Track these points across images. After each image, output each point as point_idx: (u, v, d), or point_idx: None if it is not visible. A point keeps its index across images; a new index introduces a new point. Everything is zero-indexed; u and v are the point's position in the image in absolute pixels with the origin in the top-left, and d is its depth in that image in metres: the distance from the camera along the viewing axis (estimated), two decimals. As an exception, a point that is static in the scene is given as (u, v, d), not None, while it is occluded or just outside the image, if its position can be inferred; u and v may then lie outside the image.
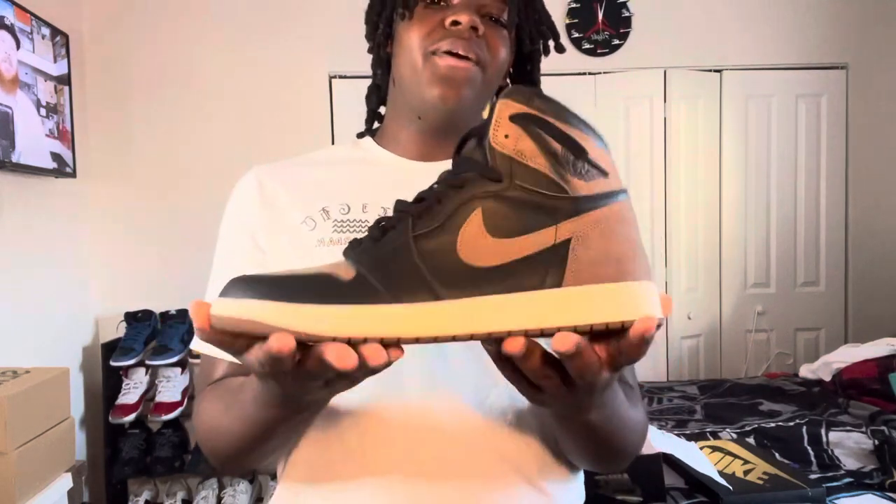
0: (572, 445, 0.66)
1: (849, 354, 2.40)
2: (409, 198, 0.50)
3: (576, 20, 2.88)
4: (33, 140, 2.22)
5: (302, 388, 0.48)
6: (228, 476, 2.67)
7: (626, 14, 2.89)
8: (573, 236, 0.45)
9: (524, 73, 0.84)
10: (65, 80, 2.44)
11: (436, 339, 0.44)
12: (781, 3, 2.95)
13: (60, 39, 2.41)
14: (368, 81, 0.90)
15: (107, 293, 2.78)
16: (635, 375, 0.77)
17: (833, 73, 2.99)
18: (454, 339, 0.44)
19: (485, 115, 0.51)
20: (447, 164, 0.61)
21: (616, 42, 2.89)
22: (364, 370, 0.43)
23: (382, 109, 0.89)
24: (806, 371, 2.56)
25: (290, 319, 0.42)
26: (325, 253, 0.71)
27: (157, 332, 2.66)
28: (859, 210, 3.01)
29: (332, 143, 2.83)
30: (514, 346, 0.44)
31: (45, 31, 2.31)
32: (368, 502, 0.66)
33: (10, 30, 2.10)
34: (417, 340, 0.44)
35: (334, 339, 0.42)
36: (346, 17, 2.82)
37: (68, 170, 2.43)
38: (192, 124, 2.81)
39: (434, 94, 0.71)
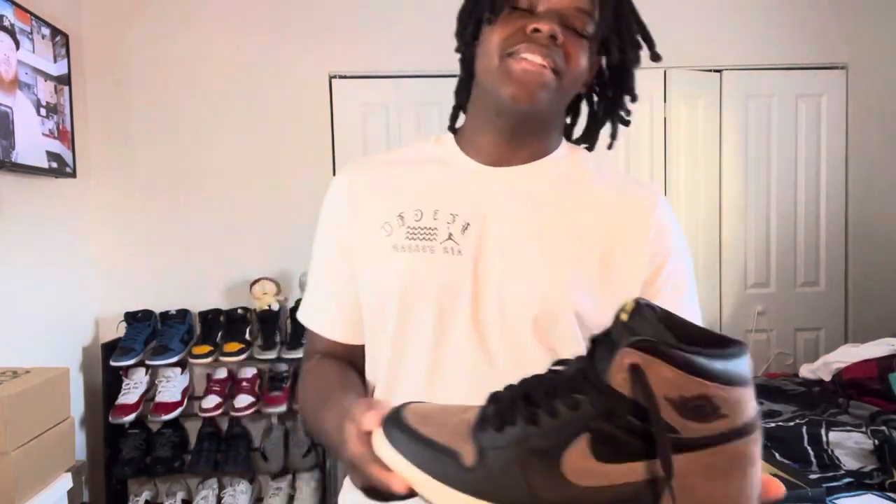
0: None
1: (849, 354, 2.40)
2: (475, 202, 0.66)
3: (576, 20, 2.88)
4: (33, 140, 2.22)
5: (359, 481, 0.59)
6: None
7: (626, 14, 2.89)
8: (673, 472, 0.45)
9: (617, 82, 0.87)
10: (65, 80, 2.44)
11: None
12: (781, 3, 2.95)
13: (60, 39, 2.41)
14: (368, 81, 1.09)
15: (107, 293, 2.78)
16: None
17: (833, 74, 2.99)
18: None
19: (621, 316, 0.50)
20: (521, 169, 0.77)
21: (616, 42, 2.89)
22: None
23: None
24: (806, 371, 2.56)
25: (420, 488, 0.52)
26: (398, 258, 0.78)
27: (156, 332, 2.66)
28: (859, 210, 3.01)
29: (332, 141, 2.83)
30: None
31: (45, 31, 2.31)
32: None
33: (10, 30, 2.10)
34: None
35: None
36: (347, 17, 2.83)
37: (68, 170, 2.43)
38: (192, 124, 2.81)
39: (507, 92, 0.74)
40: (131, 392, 2.55)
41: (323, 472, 2.72)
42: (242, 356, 2.58)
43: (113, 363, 2.50)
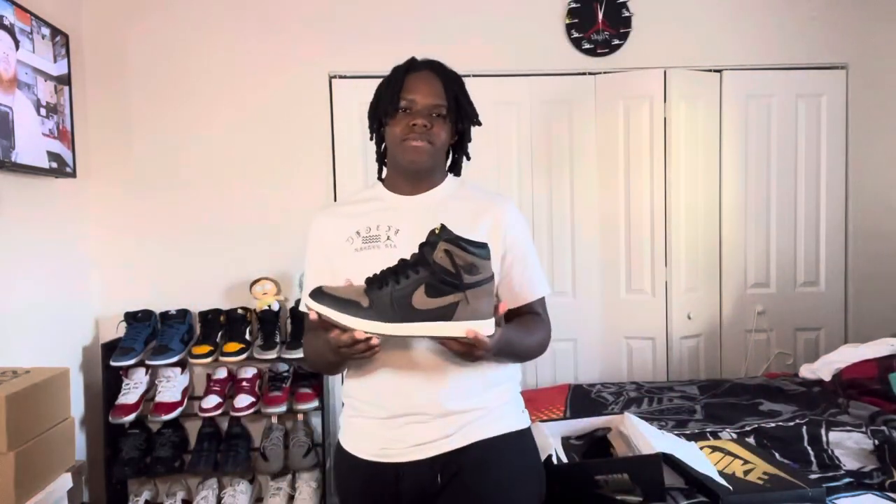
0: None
1: (849, 354, 2.40)
2: (401, 218, 1.33)
3: (576, 20, 2.89)
4: (33, 140, 2.22)
5: (338, 351, 1.15)
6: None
7: (627, 14, 2.89)
8: (461, 299, 1.09)
9: (462, 138, 1.41)
10: (65, 79, 2.44)
11: (394, 336, 1.12)
12: (781, 3, 2.95)
13: (60, 39, 2.41)
14: (367, 81, 1.49)
15: (107, 293, 2.78)
16: (545, 307, 1.41)
17: (833, 73, 2.99)
18: (402, 337, 1.13)
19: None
20: (426, 196, 1.38)
21: (616, 42, 2.89)
22: (365, 348, 1.13)
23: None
24: (806, 371, 2.56)
25: (345, 322, 1.10)
26: (359, 255, 1.31)
27: (157, 332, 2.66)
28: (859, 210, 3.01)
29: (332, 140, 2.85)
30: (453, 344, 1.14)
31: (45, 31, 2.31)
32: (380, 379, 1.29)
33: (10, 30, 2.10)
34: (386, 337, 1.12)
35: (358, 331, 1.11)
36: (347, 18, 2.84)
37: (68, 170, 2.43)
38: (192, 124, 2.81)
39: (406, 160, 1.33)
40: (131, 392, 2.55)
41: (323, 473, 2.72)
42: (242, 356, 2.58)
43: (113, 363, 2.51)
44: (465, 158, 1.45)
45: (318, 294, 1.11)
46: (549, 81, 2.93)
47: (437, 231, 1.09)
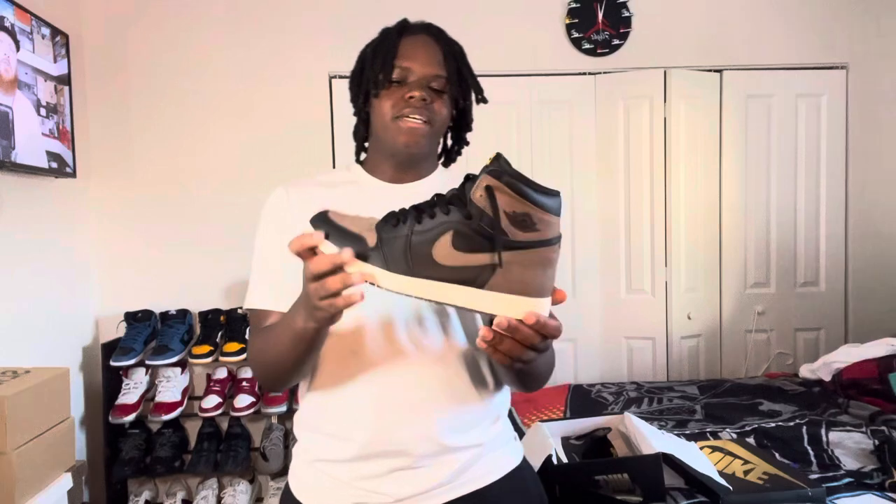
0: (510, 378, 1.03)
1: (849, 354, 2.40)
2: (382, 210, 0.83)
3: (576, 20, 2.89)
4: (33, 140, 2.22)
5: (319, 304, 0.79)
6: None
7: (626, 14, 2.89)
8: (503, 262, 0.73)
9: (463, 119, 1.17)
10: (65, 80, 2.44)
11: (399, 293, 0.77)
12: (782, 3, 2.95)
13: (60, 39, 2.41)
14: None
15: (107, 293, 2.79)
16: None
17: (833, 73, 2.99)
18: (408, 296, 0.77)
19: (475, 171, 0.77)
20: (411, 187, 1.11)
21: (616, 42, 2.89)
22: (341, 285, 0.76)
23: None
24: (806, 371, 2.56)
25: (343, 259, 0.77)
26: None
27: (156, 332, 2.66)
28: (859, 210, 3.01)
29: (332, 140, 2.85)
30: (499, 323, 0.74)
31: (45, 31, 2.31)
32: (360, 393, 1.01)
33: (10, 30, 2.10)
34: (389, 290, 0.78)
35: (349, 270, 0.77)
36: (346, 18, 2.84)
37: (68, 170, 2.44)
38: (192, 124, 2.81)
39: (400, 142, 1.06)
40: (131, 392, 2.56)
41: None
42: (242, 356, 2.58)
43: (113, 363, 2.51)
44: (463, 145, 1.20)
45: (321, 220, 0.82)
46: (549, 81, 2.93)
47: (489, 159, 0.75)
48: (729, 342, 3.03)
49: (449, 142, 1.20)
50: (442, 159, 1.21)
